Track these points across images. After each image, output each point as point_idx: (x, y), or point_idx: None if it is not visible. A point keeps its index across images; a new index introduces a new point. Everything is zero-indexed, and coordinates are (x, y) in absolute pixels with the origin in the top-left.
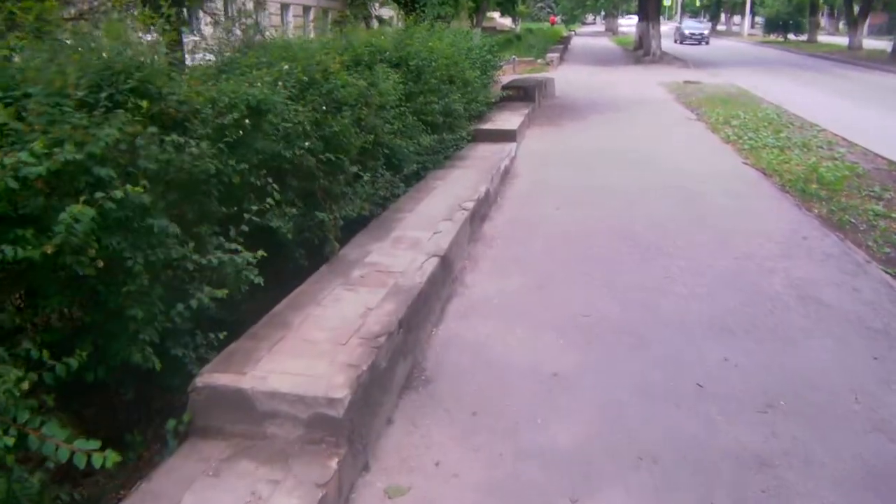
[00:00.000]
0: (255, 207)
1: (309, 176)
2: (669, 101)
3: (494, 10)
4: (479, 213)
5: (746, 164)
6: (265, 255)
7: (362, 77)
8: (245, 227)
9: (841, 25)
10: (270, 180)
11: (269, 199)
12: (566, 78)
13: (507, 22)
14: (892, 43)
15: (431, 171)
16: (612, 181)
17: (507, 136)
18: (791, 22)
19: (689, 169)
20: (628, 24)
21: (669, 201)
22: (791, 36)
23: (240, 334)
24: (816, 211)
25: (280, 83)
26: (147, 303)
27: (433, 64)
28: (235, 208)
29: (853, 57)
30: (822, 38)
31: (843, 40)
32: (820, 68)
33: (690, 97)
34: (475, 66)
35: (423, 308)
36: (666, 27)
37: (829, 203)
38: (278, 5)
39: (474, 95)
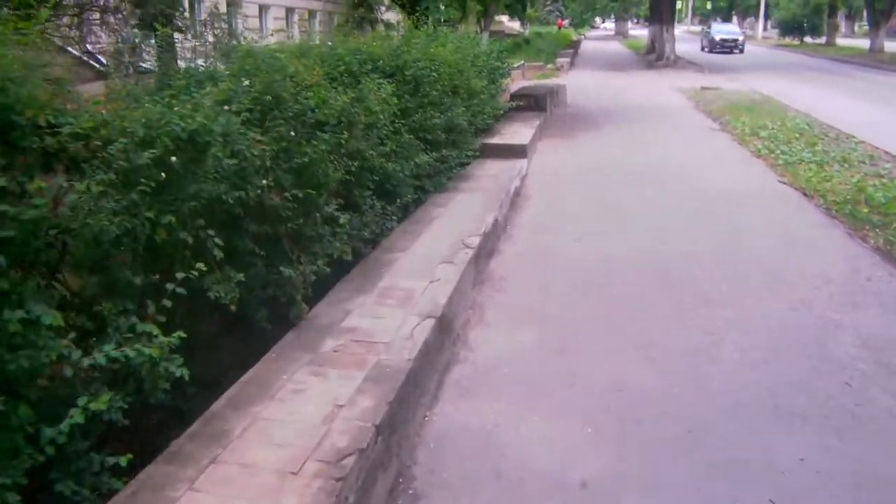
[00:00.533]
0: (180, 276)
1: (272, 218)
2: (688, 109)
3: (502, 13)
4: (486, 249)
5: (783, 182)
6: (183, 336)
7: (348, 91)
8: (167, 303)
9: (856, 28)
10: (212, 233)
11: (199, 263)
12: (578, 84)
13: (515, 25)
14: None
15: (432, 195)
16: (635, 204)
17: (516, 151)
18: (807, 24)
19: (719, 189)
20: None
21: (703, 230)
22: (808, 39)
23: (178, 435)
24: (873, 241)
25: (229, 107)
26: (8, 430)
27: (434, 74)
28: (158, 276)
29: (876, 60)
30: (840, 40)
31: (861, 43)
32: (843, 72)
33: (711, 105)
34: (482, 74)
35: (412, 393)
36: (677, 31)
37: (886, 231)
38: (283, 9)
39: (481, 107)
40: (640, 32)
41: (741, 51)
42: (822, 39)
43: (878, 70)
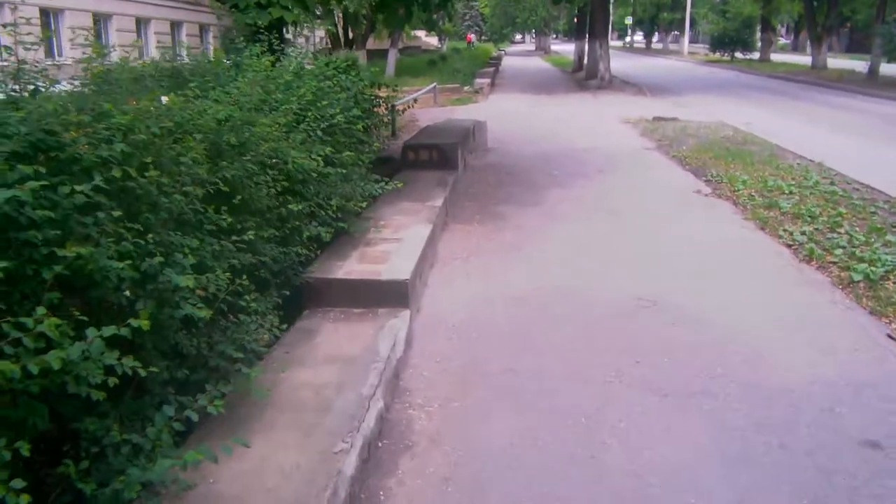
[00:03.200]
0: None
1: None
2: (652, 154)
3: (417, 28)
4: None
5: None
6: None
7: None
8: None
9: (781, 42)
10: None
11: None
12: (501, 112)
13: (433, 41)
14: (866, 63)
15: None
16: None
17: (387, 295)
18: (737, 39)
19: (811, 401)
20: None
21: None
22: (738, 55)
23: None
24: None
25: None
26: None
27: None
28: None
29: (822, 78)
30: (773, 56)
31: (789, 58)
32: (795, 94)
33: (679, 146)
34: (333, 131)
35: None
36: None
37: None
38: (132, 20)
39: (321, 203)
40: (561, 48)
41: None
42: (754, 55)
43: (831, 90)
